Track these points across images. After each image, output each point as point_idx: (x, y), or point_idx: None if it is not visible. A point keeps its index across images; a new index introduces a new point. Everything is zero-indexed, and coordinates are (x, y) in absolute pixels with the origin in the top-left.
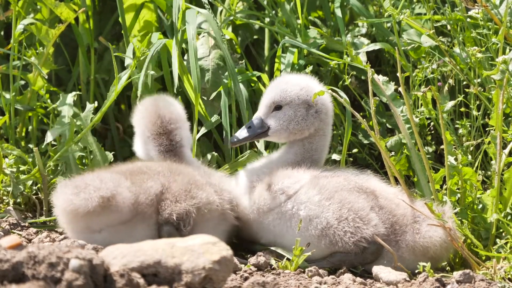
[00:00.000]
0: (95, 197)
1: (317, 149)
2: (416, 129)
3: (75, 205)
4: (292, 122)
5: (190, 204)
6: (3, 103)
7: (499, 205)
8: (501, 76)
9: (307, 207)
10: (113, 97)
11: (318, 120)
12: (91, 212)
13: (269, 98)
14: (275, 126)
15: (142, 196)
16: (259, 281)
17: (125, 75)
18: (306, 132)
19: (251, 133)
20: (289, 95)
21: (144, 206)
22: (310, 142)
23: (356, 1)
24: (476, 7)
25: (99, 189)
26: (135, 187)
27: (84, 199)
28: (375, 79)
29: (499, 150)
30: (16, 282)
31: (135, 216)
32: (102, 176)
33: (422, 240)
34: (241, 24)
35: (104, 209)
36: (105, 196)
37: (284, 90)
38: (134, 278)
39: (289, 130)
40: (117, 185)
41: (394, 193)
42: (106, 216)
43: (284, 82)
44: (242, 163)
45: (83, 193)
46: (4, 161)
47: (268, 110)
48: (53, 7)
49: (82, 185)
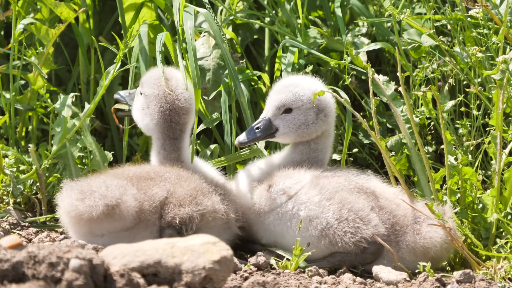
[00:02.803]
0: (100, 205)
1: (322, 149)
2: (416, 129)
3: (79, 211)
4: (302, 126)
5: (194, 210)
6: (3, 103)
7: (499, 205)
8: (501, 76)
9: (307, 207)
10: (101, 91)
11: (326, 123)
12: (95, 219)
13: (278, 100)
14: (284, 129)
15: (146, 203)
16: (259, 281)
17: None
18: (313, 135)
19: (260, 134)
20: (301, 99)
21: (147, 214)
22: (315, 143)
23: (356, 1)
24: (476, 6)
25: (105, 197)
26: (140, 194)
27: (89, 206)
28: (375, 79)
29: (499, 150)
30: (16, 282)
31: (138, 224)
32: (108, 183)
33: (422, 241)
34: (241, 23)
35: (108, 216)
36: (110, 204)
37: (296, 93)
38: (134, 278)
39: (297, 133)
40: (122, 193)
41: (395, 193)
42: (109, 223)
43: (295, 85)
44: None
45: (88, 199)
46: (4, 161)
47: (277, 112)
48: (53, 7)
49: (88, 191)
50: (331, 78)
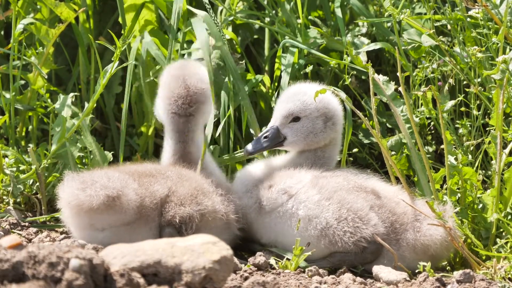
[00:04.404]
0: (100, 195)
1: (329, 157)
2: (416, 129)
3: (80, 200)
4: (310, 134)
5: (194, 209)
6: (3, 103)
7: (499, 205)
8: (501, 76)
9: (306, 206)
10: (99, 90)
11: (334, 131)
12: (95, 210)
13: (286, 109)
14: (292, 138)
15: (147, 199)
16: (259, 280)
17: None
18: (322, 143)
19: (268, 143)
20: (309, 107)
21: (148, 210)
22: (322, 151)
23: (356, 1)
24: (476, 6)
25: (106, 187)
26: (141, 189)
27: (89, 195)
28: (375, 78)
29: (499, 150)
30: (16, 282)
31: (139, 219)
32: (110, 175)
33: (423, 238)
34: (241, 23)
35: (108, 208)
36: (111, 195)
37: (304, 102)
38: (134, 277)
39: (305, 142)
40: (124, 186)
41: (394, 191)
42: (109, 216)
43: (302, 93)
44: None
45: (89, 189)
46: (4, 161)
47: (285, 120)
48: (53, 7)
49: (89, 181)
50: (331, 78)
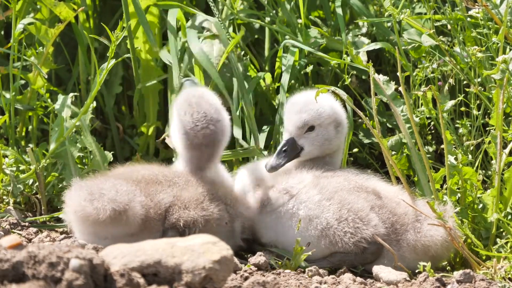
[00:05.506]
0: (107, 209)
1: (335, 162)
2: (416, 129)
3: (87, 212)
4: (326, 141)
5: (199, 215)
6: (3, 103)
7: (499, 205)
8: (501, 76)
9: (307, 206)
10: (96, 87)
11: (342, 135)
12: (101, 222)
13: (301, 120)
14: (309, 147)
15: (152, 210)
16: (259, 280)
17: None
18: (334, 149)
19: (288, 157)
20: (322, 115)
21: (152, 221)
22: (330, 157)
23: (356, 1)
24: (477, 6)
25: (114, 201)
26: (147, 200)
27: (96, 208)
28: (375, 78)
29: (500, 150)
30: (16, 282)
31: (143, 230)
32: (118, 187)
33: (423, 239)
34: (241, 23)
35: (114, 221)
36: (118, 210)
37: (317, 110)
38: (134, 277)
39: (321, 149)
40: (131, 199)
41: (395, 192)
42: (114, 228)
43: (313, 102)
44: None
45: (97, 201)
46: (4, 161)
47: (301, 131)
48: (52, 7)
49: (97, 193)
50: (331, 78)
